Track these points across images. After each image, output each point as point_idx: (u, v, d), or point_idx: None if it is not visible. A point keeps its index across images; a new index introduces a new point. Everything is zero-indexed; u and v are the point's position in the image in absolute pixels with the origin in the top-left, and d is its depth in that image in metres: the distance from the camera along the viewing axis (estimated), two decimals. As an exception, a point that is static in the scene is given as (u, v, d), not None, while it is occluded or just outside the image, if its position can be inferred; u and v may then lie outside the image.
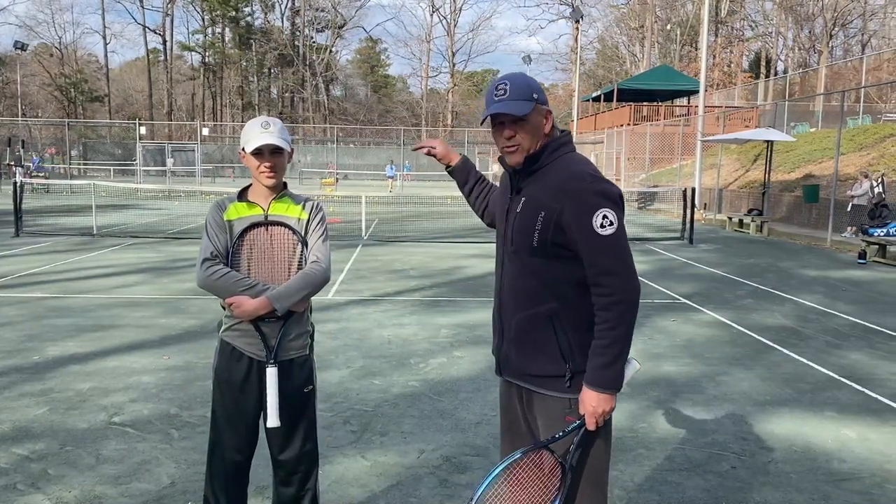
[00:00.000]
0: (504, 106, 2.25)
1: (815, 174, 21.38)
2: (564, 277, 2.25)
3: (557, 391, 2.28)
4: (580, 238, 2.18)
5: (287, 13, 79.28)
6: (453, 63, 79.50)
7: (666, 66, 44.76)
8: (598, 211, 2.17)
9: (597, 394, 2.19)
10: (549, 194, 2.24)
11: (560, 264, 2.24)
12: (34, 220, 17.76)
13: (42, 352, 6.22)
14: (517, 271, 2.34)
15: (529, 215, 2.26)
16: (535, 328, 2.30)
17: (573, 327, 2.27)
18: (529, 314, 2.31)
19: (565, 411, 2.27)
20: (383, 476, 3.92)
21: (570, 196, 2.19)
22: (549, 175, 2.28)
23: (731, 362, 6.28)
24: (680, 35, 57.88)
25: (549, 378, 2.29)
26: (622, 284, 2.18)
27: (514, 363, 2.37)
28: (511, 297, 2.37)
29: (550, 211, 2.21)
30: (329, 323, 7.45)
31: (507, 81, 2.28)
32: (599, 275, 2.19)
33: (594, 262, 2.19)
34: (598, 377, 2.19)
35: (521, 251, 2.30)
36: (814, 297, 9.47)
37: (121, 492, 3.67)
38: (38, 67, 68.62)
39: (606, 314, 2.18)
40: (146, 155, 44.13)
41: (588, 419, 2.21)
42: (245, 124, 2.89)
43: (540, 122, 2.30)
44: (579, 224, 2.17)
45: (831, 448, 4.42)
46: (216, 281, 2.70)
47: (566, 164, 2.29)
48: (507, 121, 2.27)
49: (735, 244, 15.96)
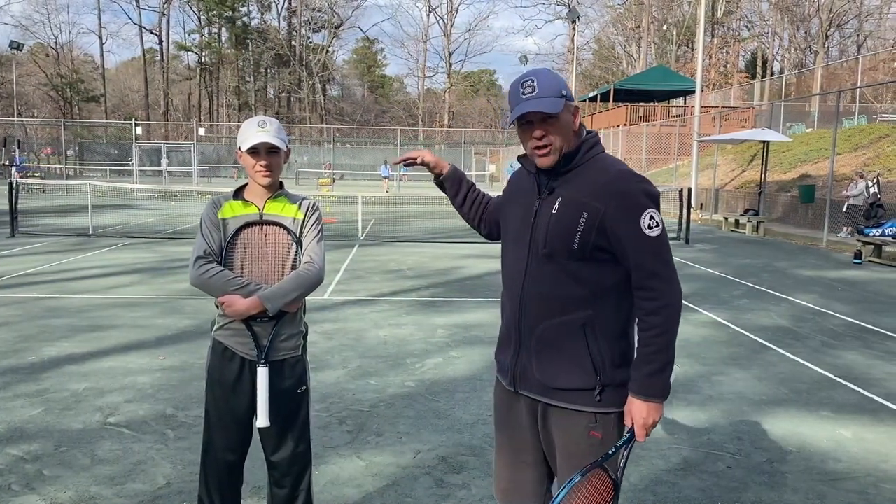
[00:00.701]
0: (536, 104, 2.11)
1: (811, 174, 21.42)
2: (601, 282, 2.15)
3: (584, 405, 2.17)
4: (627, 240, 2.09)
5: (283, 13, 79.24)
6: (450, 63, 79.52)
7: (662, 67, 44.83)
8: (646, 212, 2.09)
9: (646, 404, 2.10)
10: (591, 194, 2.12)
11: (598, 268, 2.14)
12: (30, 221, 17.72)
13: (38, 352, 6.21)
14: (549, 276, 2.18)
15: (570, 216, 2.13)
16: (564, 337, 2.17)
17: (606, 336, 2.16)
18: (560, 322, 2.17)
19: (590, 426, 2.16)
20: (379, 476, 3.91)
21: (616, 196, 2.09)
22: (587, 175, 2.17)
23: (726, 362, 6.28)
24: (676, 35, 57.96)
25: (577, 391, 2.17)
26: (669, 288, 2.11)
27: (536, 376, 2.22)
28: (538, 305, 2.21)
29: (594, 211, 2.10)
30: (325, 323, 7.44)
31: (533, 77, 2.15)
32: (647, 278, 2.10)
33: (641, 265, 2.10)
34: (648, 386, 2.10)
35: (558, 254, 2.15)
36: (810, 297, 9.48)
37: (116, 492, 3.66)
38: (34, 67, 68.42)
39: (655, 319, 2.09)
40: (142, 155, 44.08)
41: (638, 431, 2.12)
42: (242, 123, 2.88)
43: (570, 119, 2.18)
44: (627, 225, 2.08)
45: (827, 448, 4.42)
46: (209, 280, 2.70)
47: (606, 164, 2.19)
48: (537, 120, 2.14)
49: (731, 244, 15.99)
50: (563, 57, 69.74)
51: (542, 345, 2.20)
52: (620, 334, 2.18)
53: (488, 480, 3.87)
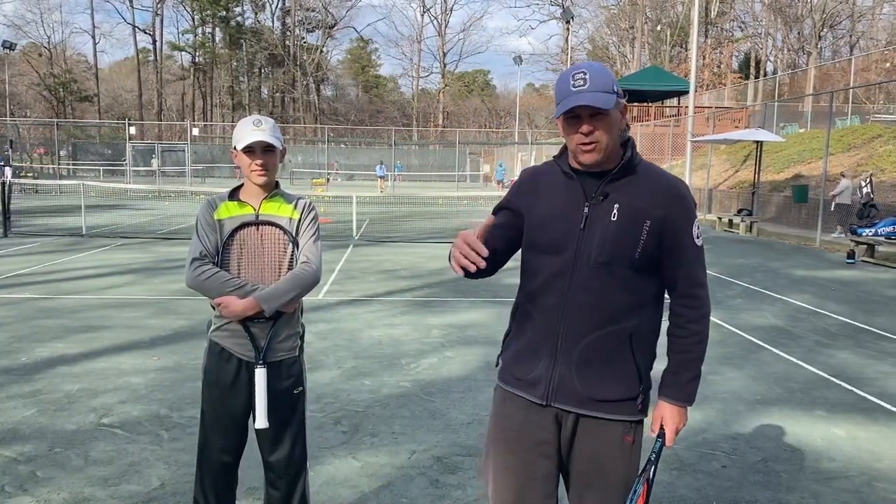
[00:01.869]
0: (587, 97, 1.99)
1: (804, 174, 21.49)
2: (648, 291, 2.15)
3: (625, 414, 2.14)
4: (682, 248, 2.08)
5: (278, 13, 79.18)
6: (444, 63, 79.61)
7: (656, 67, 44.89)
8: (696, 221, 2.12)
9: (679, 409, 2.15)
10: (651, 201, 2.07)
11: (648, 277, 2.13)
12: (23, 221, 17.63)
13: (30, 353, 6.18)
14: (602, 285, 2.09)
15: (632, 224, 2.06)
16: (611, 348, 2.12)
17: (646, 345, 2.18)
18: (608, 333, 2.11)
19: (625, 432, 2.15)
20: (374, 477, 3.91)
21: (676, 205, 2.09)
22: (642, 180, 2.11)
23: (721, 362, 6.30)
24: (670, 36, 58.09)
25: (620, 402, 2.14)
26: (708, 298, 2.17)
27: (577, 389, 2.13)
28: (584, 316, 2.11)
29: (656, 220, 2.06)
30: (320, 323, 7.43)
31: (585, 70, 2.04)
32: (695, 286, 2.12)
33: (691, 274, 2.12)
34: (684, 392, 2.15)
35: (617, 263, 2.07)
36: (803, 296, 9.52)
37: (110, 493, 3.64)
38: (27, 67, 68.16)
39: (696, 327, 2.13)
40: (136, 155, 43.94)
41: (669, 435, 2.16)
42: (236, 123, 2.87)
43: (618, 118, 2.10)
44: (683, 234, 2.08)
45: (821, 447, 4.44)
46: (205, 281, 2.68)
47: (657, 170, 2.17)
48: (586, 115, 2.02)
49: (725, 244, 16.03)
50: (557, 57, 69.85)
51: (586, 355, 2.12)
52: (654, 342, 2.21)
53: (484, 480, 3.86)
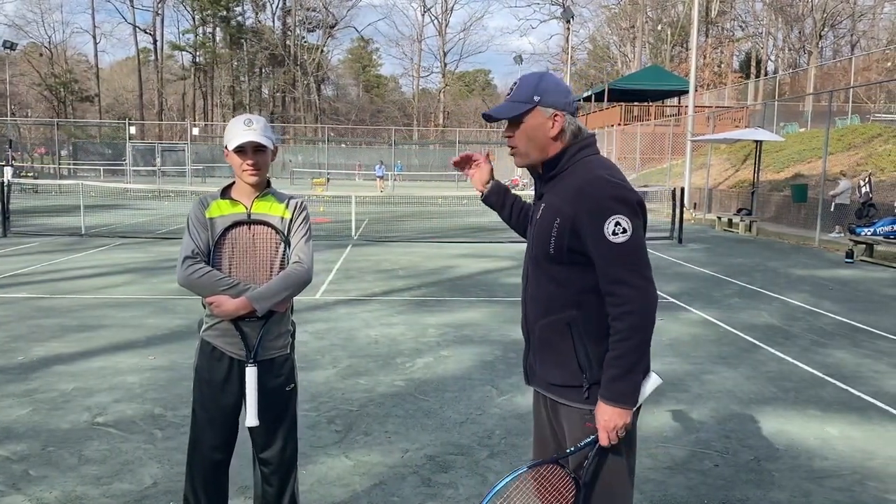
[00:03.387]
0: (494, 108, 2.26)
1: (804, 174, 21.48)
2: (582, 284, 2.18)
3: (576, 402, 2.22)
4: (592, 245, 2.12)
5: (278, 13, 79.16)
6: (445, 63, 79.61)
7: (656, 67, 44.90)
8: (611, 217, 2.08)
9: (610, 407, 2.12)
10: (564, 199, 2.18)
11: (578, 271, 2.17)
12: (22, 221, 17.65)
13: (27, 352, 6.19)
14: (538, 278, 2.29)
15: (547, 221, 2.22)
16: (554, 336, 2.24)
17: (591, 337, 2.19)
18: (549, 322, 2.25)
19: (585, 418, 2.20)
20: (366, 475, 3.91)
21: (583, 201, 2.13)
22: (567, 180, 2.22)
23: (716, 361, 6.30)
24: (671, 35, 58.06)
25: (568, 388, 2.23)
26: (634, 295, 2.09)
27: (539, 372, 2.33)
28: (533, 305, 2.32)
29: (565, 217, 2.15)
30: (317, 323, 7.43)
31: (518, 81, 2.26)
32: (611, 284, 2.11)
33: (605, 272, 2.12)
34: (611, 390, 2.12)
35: (541, 258, 2.25)
36: (801, 296, 9.51)
37: (102, 492, 3.65)
38: (28, 67, 68.19)
39: (618, 325, 2.11)
40: (136, 155, 43.96)
41: (601, 433, 2.13)
42: (218, 126, 2.87)
43: (540, 124, 2.21)
44: (592, 231, 2.11)
45: (814, 446, 4.44)
46: (197, 280, 2.69)
47: (585, 168, 2.21)
48: (508, 122, 2.26)
49: (724, 244, 16.02)
50: (558, 57, 69.85)
51: (539, 343, 2.30)
52: (601, 334, 2.18)
53: (476, 479, 3.88)
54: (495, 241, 15.22)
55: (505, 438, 4.45)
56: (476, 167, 2.67)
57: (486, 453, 4.23)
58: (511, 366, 5.99)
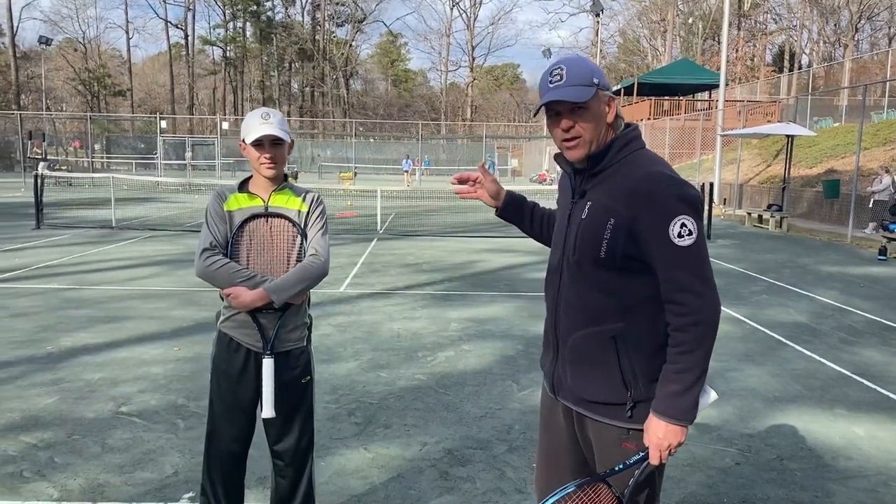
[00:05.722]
0: (560, 93, 1.97)
1: (837, 169, 21.08)
2: (634, 293, 2.01)
3: (614, 419, 2.05)
4: (655, 249, 1.93)
5: (307, 7, 79.51)
6: (473, 57, 79.39)
7: (687, 60, 44.33)
8: (676, 218, 1.90)
9: (665, 424, 1.94)
10: (619, 198, 1.98)
11: (630, 278, 2.00)
12: (55, 213, 17.97)
13: (55, 342, 6.31)
14: (578, 284, 2.07)
15: (597, 222, 2.00)
16: (594, 349, 2.05)
17: (639, 350, 2.02)
18: (589, 333, 2.05)
19: (622, 438, 2.05)
20: (384, 468, 3.93)
21: (644, 200, 1.93)
22: (618, 176, 2.02)
23: (741, 358, 6.22)
24: (702, 29, 57.32)
25: (608, 406, 2.05)
26: (701, 303, 1.92)
27: (569, 386, 2.12)
28: (569, 314, 2.10)
29: (621, 218, 1.96)
30: (340, 316, 7.47)
31: (563, 66, 2.01)
32: (676, 291, 1.93)
33: (670, 277, 1.93)
34: (669, 406, 1.94)
35: (586, 262, 2.03)
36: (831, 293, 9.35)
37: (124, 480, 3.71)
38: (63, 62, 69.41)
39: (682, 336, 1.93)
40: (167, 149, 44.53)
41: (652, 452, 1.97)
42: (245, 116, 2.90)
43: (602, 110, 2.03)
44: (655, 233, 1.92)
45: (839, 445, 4.36)
46: (215, 271, 2.73)
47: (639, 164, 2.02)
48: (565, 110, 2.00)
49: (753, 240, 15.80)
50: (588, 50, 69.29)
51: (574, 355, 2.10)
52: (658, 349, 2.02)
53: (494, 474, 3.87)
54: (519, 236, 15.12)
55: (524, 433, 4.43)
56: (479, 185, 2.48)
57: (504, 448, 4.22)
58: (532, 361, 5.96)
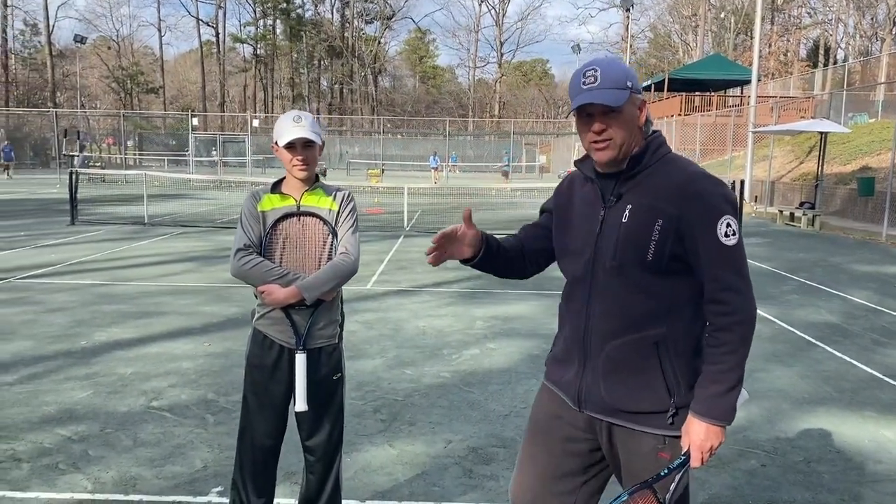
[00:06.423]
0: (594, 95, 1.95)
1: (871, 166, 20.70)
2: (676, 296, 2.00)
3: (655, 428, 2.02)
4: (703, 249, 1.93)
5: (337, 4, 79.94)
6: (501, 53, 79.26)
7: (718, 56, 43.81)
8: (723, 218, 1.93)
9: (707, 426, 1.93)
10: (665, 199, 1.96)
11: (673, 280, 1.99)
12: (89, 209, 18.32)
13: (89, 337, 6.45)
14: (619, 290, 2.02)
15: (643, 224, 1.97)
16: (636, 357, 2.01)
17: (679, 354, 2.01)
18: (631, 340, 2.01)
19: (658, 447, 2.02)
20: (409, 465, 3.97)
21: (693, 201, 1.94)
22: (658, 177, 2.01)
23: (769, 359, 6.16)
24: (734, 23, 56.55)
25: (648, 414, 2.02)
26: (744, 302, 1.94)
27: (604, 398, 2.06)
28: (607, 321, 2.04)
29: (669, 218, 1.94)
30: (366, 313, 7.54)
31: (596, 67, 1.98)
32: (721, 290, 1.94)
33: (716, 277, 1.94)
34: (712, 407, 1.93)
35: (630, 266, 1.99)
36: (864, 293, 9.21)
37: (155, 474, 3.80)
38: (97, 60, 70.63)
39: (727, 335, 1.93)
40: (199, 146, 45.06)
41: (694, 454, 1.95)
42: (278, 118, 2.97)
43: (635, 114, 2.01)
44: (703, 232, 1.93)
45: (868, 448, 4.31)
46: (249, 270, 2.81)
47: (678, 165, 2.02)
48: (597, 112, 1.97)
49: (785, 238, 15.60)
50: (618, 46, 68.76)
51: (610, 364, 2.04)
52: (695, 352, 2.03)
53: (517, 472, 3.88)
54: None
55: (548, 432, 4.44)
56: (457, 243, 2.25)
57: (528, 447, 4.23)
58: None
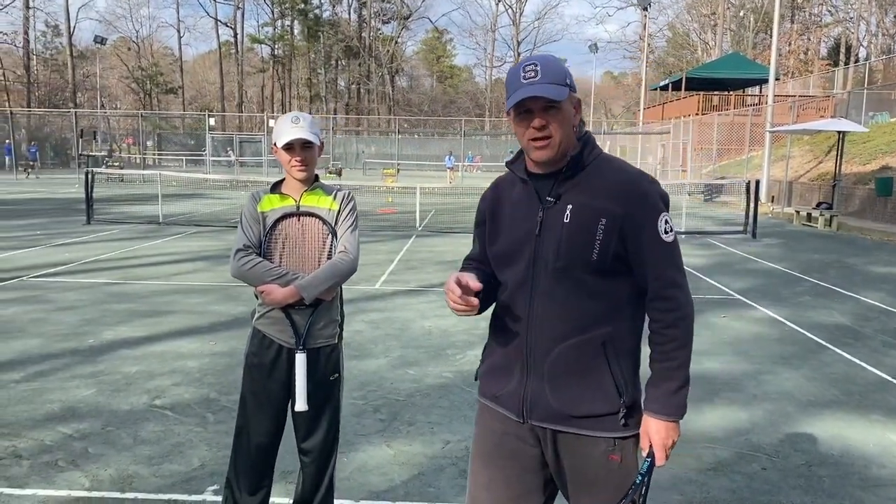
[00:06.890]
0: (536, 89, 1.90)
1: (891, 166, 20.42)
2: (618, 295, 1.99)
3: (606, 431, 1.98)
4: (647, 247, 1.94)
5: (354, 5, 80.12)
6: (518, 53, 78.96)
7: (737, 54, 43.45)
8: (662, 215, 1.95)
9: (664, 423, 1.94)
10: (607, 198, 1.95)
11: (615, 280, 1.98)
12: (106, 209, 18.48)
13: (97, 335, 6.51)
14: (564, 293, 1.97)
15: (586, 224, 1.94)
16: (584, 359, 1.97)
17: (624, 354, 2.00)
18: (579, 342, 1.97)
19: (608, 450, 1.99)
20: (405, 465, 3.96)
21: (638, 200, 1.94)
22: (597, 177, 1.99)
23: (776, 361, 6.09)
24: (753, 22, 56.02)
25: (599, 418, 1.98)
26: (686, 297, 1.96)
27: (551, 404, 2.00)
28: (548, 326, 1.99)
29: (613, 217, 1.93)
30: (373, 312, 7.54)
31: (536, 62, 1.94)
32: (666, 287, 1.95)
33: (660, 274, 1.95)
34: (667, 404, 1.94)
35: (575, 267, 1.95)
36: (878, 294, 9.08)
37: (153, 472, 3.82)
38: (117, 60, 71.33)
39: (674, 332, 1.94)
40: (217, 146, 45.35)
41: (658, 453, 1.95)
42: (277, 119, 2.98)
43: (571, 112, 1.99)
44: (646, 231, 1.94)
45: (872, 453, 4.25)
46: (248, 270, 2.83)
47: (615, 165, 2.03)
48: (538, 108, 1.93)
49: (801, 239, 15.43)
50: (636, 45, 68.41)
51: (557, 369, 1.99)
52: (635, 350, 2.04)
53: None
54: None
55: (547, 433, 4.42)
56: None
57: (526, 448, 4.21)
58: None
